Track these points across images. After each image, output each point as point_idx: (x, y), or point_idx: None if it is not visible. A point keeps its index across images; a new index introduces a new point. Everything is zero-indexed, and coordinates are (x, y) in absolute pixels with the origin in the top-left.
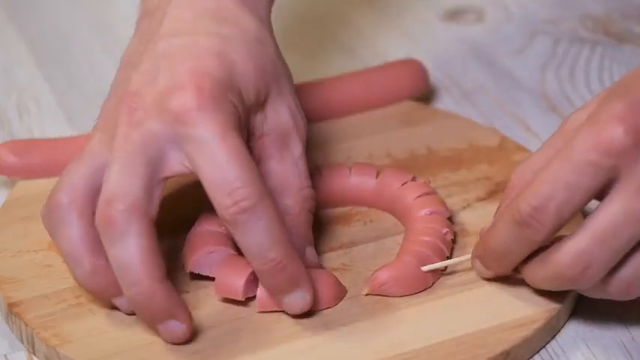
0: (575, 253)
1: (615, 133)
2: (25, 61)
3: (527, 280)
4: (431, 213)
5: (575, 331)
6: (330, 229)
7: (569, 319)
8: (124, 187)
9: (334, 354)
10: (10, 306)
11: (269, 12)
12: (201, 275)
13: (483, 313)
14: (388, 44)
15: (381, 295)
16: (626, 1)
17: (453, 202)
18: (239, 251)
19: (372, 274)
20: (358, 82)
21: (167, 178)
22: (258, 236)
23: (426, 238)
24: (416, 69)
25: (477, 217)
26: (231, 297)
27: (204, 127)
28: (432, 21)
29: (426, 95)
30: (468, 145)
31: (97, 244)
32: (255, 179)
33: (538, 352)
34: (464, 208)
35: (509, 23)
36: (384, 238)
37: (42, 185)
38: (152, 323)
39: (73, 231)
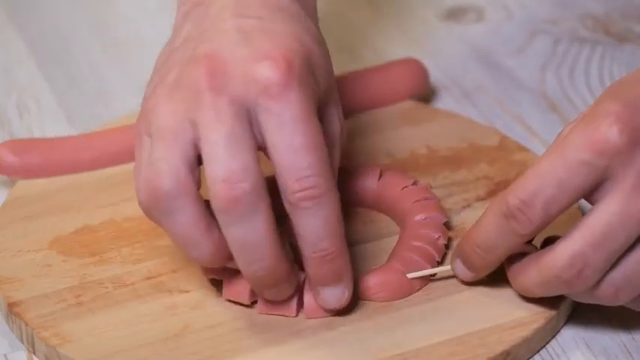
0: (571, 255)
1: (610, 132)
2: (25, 61)
3: (518, 289)
4: (425, 218)
5: (575, 331)
6: None
7: (569, 318)
8: (241, 164)
9: (334, 354)
10: (10, 306)
11: (316, 17)
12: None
13: (483, 313)
14: (388, 44)
15: (367, 300)
16: (626, 1)
17: (453, 201)
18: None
19: (359, 278)
20: (358, 82)
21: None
22: (317, 225)
23: (417, 244)
24: (416, 69)
25: (476, 217)
26: (238, 301)
27: (288, 106)
28: (432, 21)
29: (426, 95)
30: (468, 144)
31: (209, 221)
32: (326, 169)
33: (538, 352)
34: (464, 207)
35: (509, 23)
36: (383, 238)
37: (42, 185)
38: (263, 290)
39: (187, 216)
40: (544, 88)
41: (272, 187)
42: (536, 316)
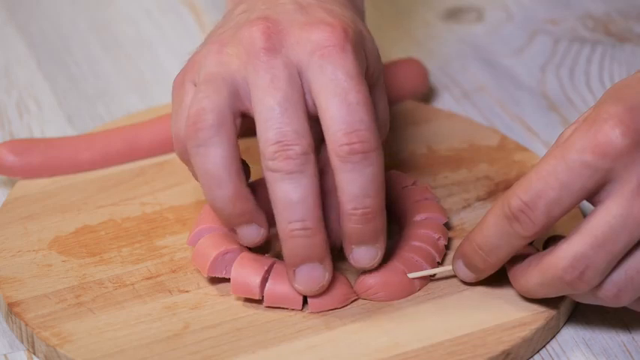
0: (574, 257)
1: (612, 134)
2: (25, 61)
3: (520, 291)
4: (426, 218)
5: (575, 331)
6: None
7: (569, 318)
8: (294, 128)
9: (334, 354)
10: (10, 306)
11: (364, 18)
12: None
13: (483, 313)
14: (388, 44)
15: (367, 300)
16: (626, 1)
17: (453, 201)
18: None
19: (359, 277)
20: None
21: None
22: (364, 180)
23: (417, 244)
24: (416, 69)
25: (476, 217)
26: (247, 296)
27: (342, 65)
28: (432, 21)
29: (426, 95)
30: (468, 145)
31: (240, 167)
32: (376, 128)
33: (538, 352)
34: (464, 207)
35: (509, 23)
36: None
37: (42, 185)
38: (298, 261)
39: (220, 152)
40: (544, 88)
41: (259, 190)
42: (536, 316)
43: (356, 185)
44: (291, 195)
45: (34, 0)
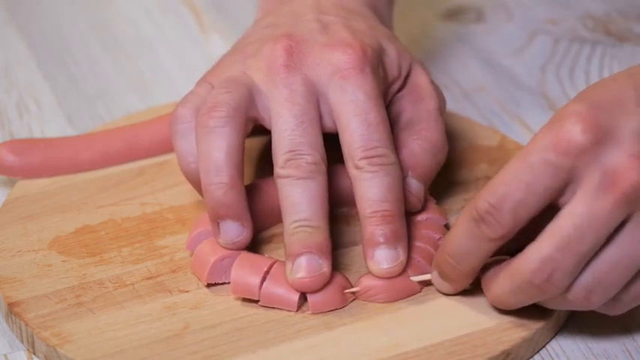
0: (541, 260)
1: (573, 132)
2: (25, 61)
3: (491, 300)
4: (426, 219)
5: (575, 331)
6: (331, 228)
7: (569, 319)
8: (309, 141)
9: (334, 354)
10: (10, 306)
11: (392, 28)
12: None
13: (483, 313)
14: None
15: (367, 301)
16: (626, 1)
17: (453, 202)
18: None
19: (358, 279)
20: None
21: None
22: (382, 188)
23: (418, 244)
24: None
25: None
26: (247, 297)
27: (361, 86)
28: (432, 21)
29: None
30: (468, 144)
31: (240, 162)
32: (393, 148)
33: (538, 352)
34: (464, 207)
35: (509, 23)
36: None
37: (42, 185)
38: (302, 250)
39: (226, 141)
40: (544, 88)
41: (256, 194)
42: (536, 316)
43: (374, 191)
44: (298, 197)
45: (34, 0)
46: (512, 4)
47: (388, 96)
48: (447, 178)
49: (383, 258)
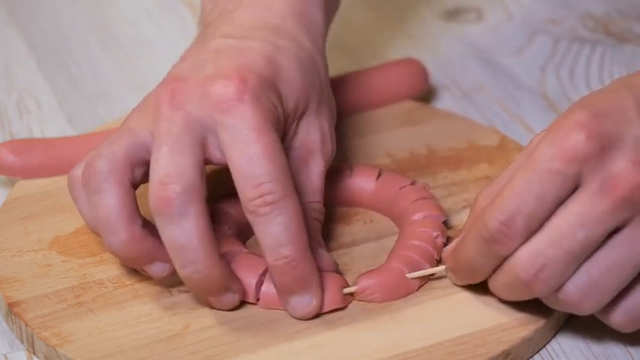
0: (530, 254)
1: (577, 139)
2: (25, 61)
3: (492, 290)
4: (424, 217)
5: (575, 331)
6: (331, 228)
7: (569, 318)
8: (177, 168)
9: (334, 354)
10: (10, 306)
11: (324, 43)
12: None
13: (483, 313)
14: (388, 44)
15: (364, 301)
16: (626, 1)
17: (453, 201)
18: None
19: (355, 279)
20: (358, 82)
21: (208, 162)
22: (277, 230)
23: (416, 242)
24: (416, 69)
25: None
26: (243, 300)
27: (240, 118)
28: (431, 20)
29: (426, 95)
30: (468, 145)
31: (133, 213)
32: (283, 176)
33: (538, 352)
34: (464, 208)
35: (509, 23)
36: (384, 238)
37: (42, 185)
38: (204, 296)
39: (111, 199)
40: (544, 88)
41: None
42: (537, 316)
43: (270, 237)
44: (177, 240)
45: (34, 0)
46: (512, 4)
47: (289, 121)
48: (447, 178)
49: (297, 306)
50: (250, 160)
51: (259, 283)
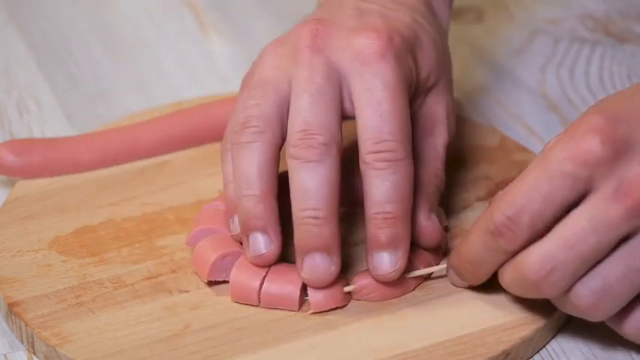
0: (541, 256)
1: (592, 143)
2: (25, 61)
3: (501, 284)
4: None
5: (575, 330)
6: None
7: (569, 318)
8: (321, 121)
9: (334, 354)
10: (10, 306)
11: (448, 28)
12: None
13: (483, 313)
14: None
15: (361, 300)
16: (626, 1)
17: (453, 201)
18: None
19: (354, 278)
20: None
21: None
22: (386, 187)
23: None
24: None
25: (476, 217)
26: (246, 302)
27: (379, 74)
28: None
29: None
30: (468, 144)
31: (272, 177)
32: (406, 140)
33: (538, 352)
34: (464, 208)
35: (509, 23)
36: None
37: (42, 185)
38: (307, 251)
39: (257, 157)
40: (544, 88)
41: (284, 184)
42: (536, 316)
43: (379, 191)
44: (307, 183)
45: (34, 0)
46: (512, 4)
47: (419, 90)
48: (447, 178)
49: (380, 263)
50: (380, 117)
51: (261, 287)
